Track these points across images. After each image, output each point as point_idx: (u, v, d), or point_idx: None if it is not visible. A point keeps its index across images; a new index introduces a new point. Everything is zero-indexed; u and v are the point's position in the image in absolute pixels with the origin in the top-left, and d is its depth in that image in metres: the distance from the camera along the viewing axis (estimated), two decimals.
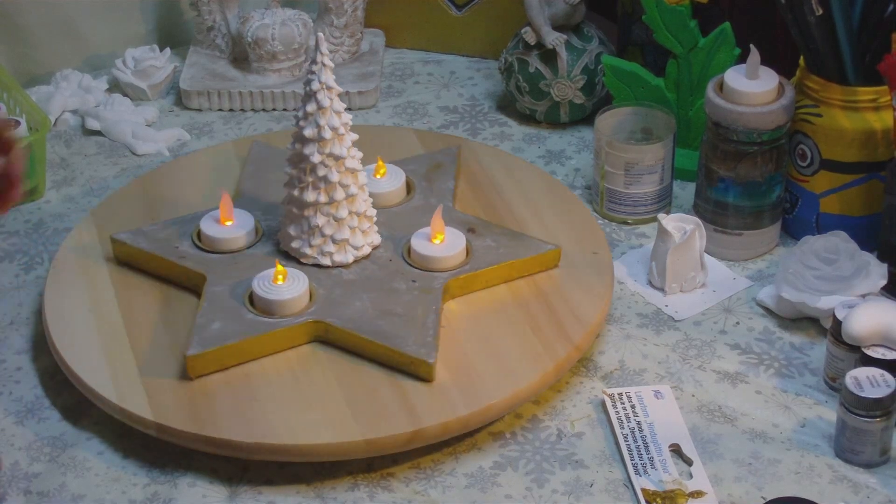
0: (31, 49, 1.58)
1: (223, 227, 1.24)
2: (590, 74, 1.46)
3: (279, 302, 1.16)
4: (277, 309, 1.16)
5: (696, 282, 1.27)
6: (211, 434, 1.08)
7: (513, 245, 1.24)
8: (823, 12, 1.22)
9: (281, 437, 1.08)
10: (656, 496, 1.07)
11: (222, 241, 1.23)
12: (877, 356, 1.11)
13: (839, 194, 1.28)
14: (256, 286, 1.17)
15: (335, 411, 1.10)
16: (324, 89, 1.16)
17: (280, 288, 1.17)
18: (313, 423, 1.09)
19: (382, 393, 1.12)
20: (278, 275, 1.17)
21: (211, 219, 1.24)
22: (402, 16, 1.64)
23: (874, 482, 1.09)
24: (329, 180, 1.18)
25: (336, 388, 1.13)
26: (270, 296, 1.16)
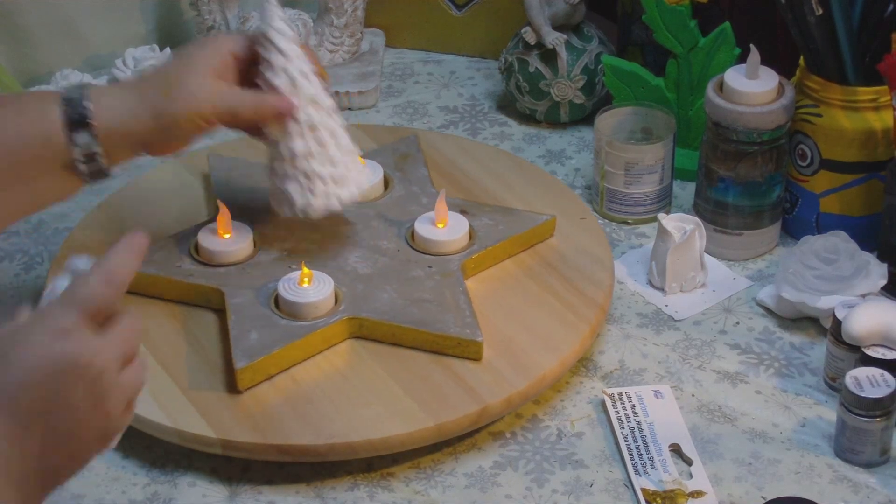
0: (32, 49, 1.58)
1: (224, 239, 1.22)
2: (590, 74, 1.47)
3: (309, 304, 1.16)
4: (308, 311, 1.16)
5: (696, 282, 1.27)
6: (281, 442, 1.08)
7: (509, 220, 1.26)
8: (823, 12, 1.22)
9: (351, 434, 1.08)
10: (656, 496, 1.07)
11: (228, 253, 1.22)
12: (877, 356, 1.11)
13: (839, 194, 1.28)
14: (284, 291, 1.16)
15: (397, 402, 1.11)
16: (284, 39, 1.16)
17: (307, 290, 1.16)
18: (380, 417, 1.10)
19: (436, 378, 1.13)
20: (304, 277, 1.17)
21: (209, 232, 1.23)
22: (402, 16, 1.64)
23: (874, 482, 1.09)
24: (313, 123, 1.17)
25: (389, 381, 1.13)
26: (300, 299, 1.16)
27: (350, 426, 1.09)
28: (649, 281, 1.28)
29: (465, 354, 1.14)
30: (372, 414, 1.10)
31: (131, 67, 1.56)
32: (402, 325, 1.15)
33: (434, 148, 1.38)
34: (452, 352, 1.15)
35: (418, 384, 1.12)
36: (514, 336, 1.17)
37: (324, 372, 1.14)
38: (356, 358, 1.15)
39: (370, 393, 1.12)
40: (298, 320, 1.15)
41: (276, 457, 1.09)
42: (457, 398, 1.11)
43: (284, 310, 1.16)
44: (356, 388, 1.12)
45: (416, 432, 1.09)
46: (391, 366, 1.14)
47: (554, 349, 1.15)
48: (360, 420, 1.09)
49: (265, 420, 1.09)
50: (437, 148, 1.38)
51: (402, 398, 1.11)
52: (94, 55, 1.61)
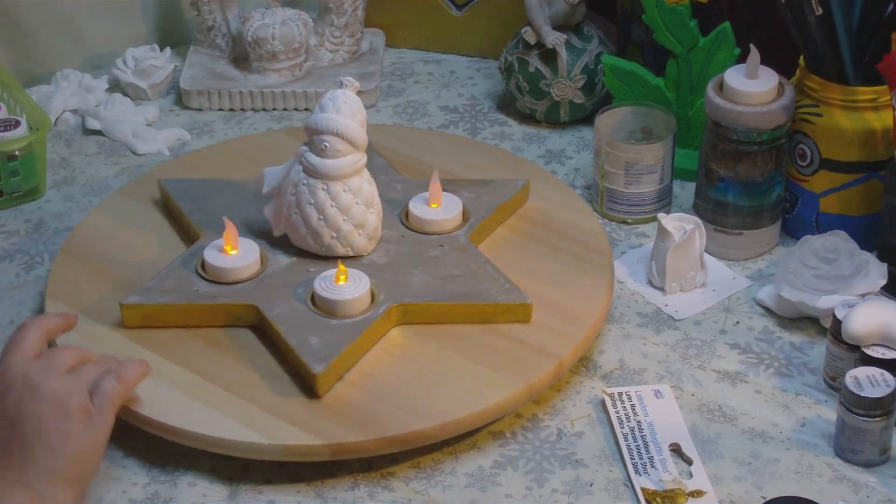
0: (32, 48, 1.58)
1: (233, 255, 1.20)
2: (590, 74, 1.47)
3: (352, 300, 1.16)
4: (352, 308, 1.16)
5: (696, 281, 1.27)
6: (392, 434, 1.08)
7: (489, 190, 1.30)
8: (823, 12, 1.22)
9: (456, 411, 1.09)
10: (656, 495, 1.07)
11: (243, 268, 1.20)
12: (876, 355, 1.11)
13: (839, 194, 1.28)
14: (324, 290, 1.16)
15: (481, 375, 1.13)
16: None
17: (344, 288, 1.16)
18: (471, 390, 1.11)
19: (503, 345, 1.15)
20: (340, 275, 1.17)
21: (215, 250, 1.21)
22: (402, 15, 1.64)
23: (874, 481, 1.09)
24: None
25: (460, 357, 1.15)
26: (341, 296, 1.16)
27: (449, 404, 1.10)
28: (649, 281, 1.29)
29: (515, 318, 1.17)
30: (461, 388, 1.11)
31: (131, 67, 1.56)
32: (449, 303, 1.17)
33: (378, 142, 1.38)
34: (502, 318, 1.17)
35: (490, 354, 1.14)
36: (545, 293, 1.20)
37: (390, 362, 1.15)
38: (412, 343, 1.16)
39: (450, 371, 1.13)
40: (341, 318, 1.16)
41: (389, 449, 1.09)
42: (530, 358, 1.14)
43: (325, 308, 1.16)
44: (430, 370, 1.13)
45: (512, 395, 1.11)
46: (449, 343, 1.16)
47: (587, 300, 1.19)
48: (454, 396, 1.11)
49: (364, 417, 1.09)
50: (379, 142, 1.38)
51: (484, 370, 1.13)
52: (94, 55, 1.61)
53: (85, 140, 1.50)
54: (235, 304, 1.18)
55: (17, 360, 1.05)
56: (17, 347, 1.06)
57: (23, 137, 1.39)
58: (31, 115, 1.42)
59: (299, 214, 1.20)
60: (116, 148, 1.49)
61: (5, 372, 1.04)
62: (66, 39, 1.59)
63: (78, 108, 1.53)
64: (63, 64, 1.59)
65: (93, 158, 1.48)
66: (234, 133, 1.51)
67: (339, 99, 1.18)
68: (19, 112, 1.44)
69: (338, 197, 1.20)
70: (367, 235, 1.22)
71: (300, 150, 1.20)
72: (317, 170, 1.19)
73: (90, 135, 1.51)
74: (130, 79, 1.55)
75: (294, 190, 1.20)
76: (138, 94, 1.56)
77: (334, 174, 1.19)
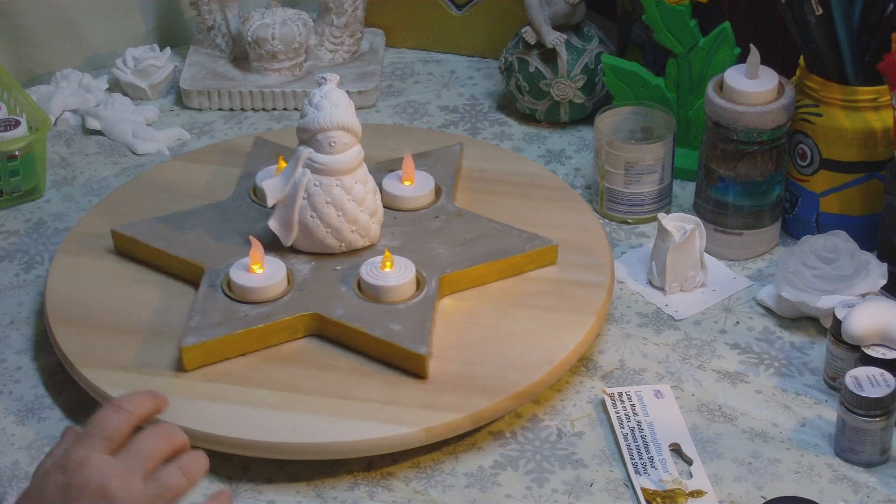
0: (32, 48, 1.58)
1: (264, 273, 1.19)
2: (590, 74, 1.47)
3: (405, 284, 1.18)
4: (407, 290, 1.18)
5: (696, 281, 1.27)
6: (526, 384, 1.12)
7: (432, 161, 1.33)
8: (823, 12, 1.22)
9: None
10: (656, 495, 1.07)
11: (279, 283, 1.19)
12: (877, 355, 1.11)
13: (839, 194, 1.28)
14: (372, 278, 1.18)
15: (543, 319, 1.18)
16: None
17: (392, 274, 1.18)
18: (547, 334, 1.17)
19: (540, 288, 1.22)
20: (386, 262, 1.19)
21: (242, 269, 1.19)
22: (402, 15, 1.64)
23: (874, 481, 1.09)
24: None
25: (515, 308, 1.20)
26: (394, 282, 1.18)
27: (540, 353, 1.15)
28: (649, 281, 1.28)
29: (545, 262, 1.24)
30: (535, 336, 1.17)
31: (131, 67, 1.56)
32: (484, 264, 1.22)
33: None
34: (533, 266, 1.23)
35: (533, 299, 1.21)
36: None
37: (460, 330, 1.18)
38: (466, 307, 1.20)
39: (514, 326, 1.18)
40: (401, 301, 1.17)
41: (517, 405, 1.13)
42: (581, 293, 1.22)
43: (383, 297, 1.18)
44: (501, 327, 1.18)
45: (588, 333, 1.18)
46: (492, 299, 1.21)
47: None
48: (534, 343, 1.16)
49: (478, 383, 1.12)
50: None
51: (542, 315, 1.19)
52: (94, 55, 1.61)
53: (85, 140, 1.50)
54: (300, 316, 1.16)
55: (97, 462, 0.89)
56: (101, 437, 0.90)
57: (22, 137, 1.39)
58: (30, 114, 1.42)
59: (317, 216, 1.20)
60: (116, 148, 1.49)
61: (82, 467, 0.89)
62: (65, 39, 1.59)
63: (78, 107, 1.53)
64: (63, 64, 1.59)
65: (93, 158, 1.48)
66: (233, 133, 1.51)
67: (333, 94, 1.18)
68: (19, 112, 1.44)
69: (353, 190, 1.20)
70: (378, 222, 1.23)
71: (299, 152, 1.20)
72: (328, 167, 1.19)
73: (90, 135, 1.51)
74: (130, 79, 1.55)
75: (306, 194, 1.20)
76: (138, 93, 1.56)
77: (346, 168, 1.19)
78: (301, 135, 1.20)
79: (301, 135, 1.20)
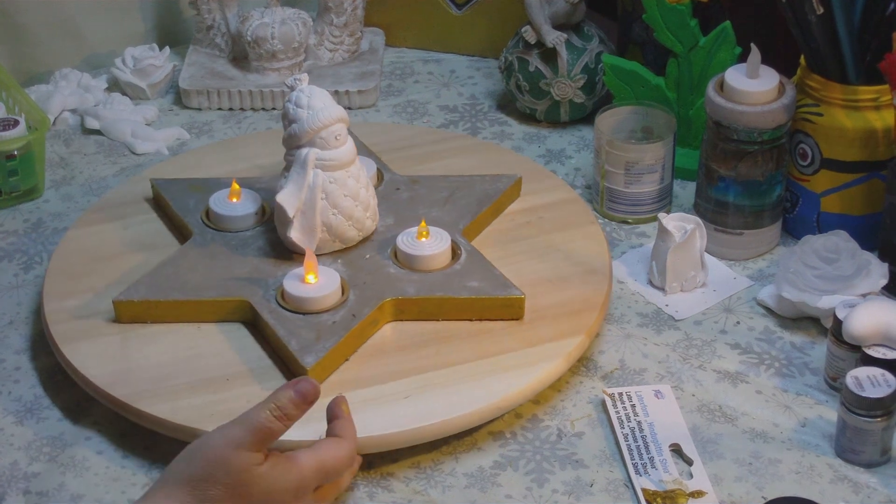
0: (31, 48, 1.58)
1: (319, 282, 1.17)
2: (590, 73, 1.46)
3: (442, 252, 1.21)
4: (438, 260, 1.21)
5: (697, 281, 1.27)
6: None
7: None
8: (824, 11, 1.22)
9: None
10: (656, 496, 1.06)
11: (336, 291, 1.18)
12: (877, 356, 1.11)
13: (840, 193, 1.28)
14: (406, 245, 1.21)
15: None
16: None
17: (428, 243, 1.21)
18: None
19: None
20: (421, 231, 1.21)
21: (296, 279, 1.17)
22: (402, 15, 1.64)
23: (875, 482, 1.08)
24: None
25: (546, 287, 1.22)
26: (423, 251, 1.21)
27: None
28: (649, 281, 1.28)
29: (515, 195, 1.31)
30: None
31: (130, 66, 1.56)
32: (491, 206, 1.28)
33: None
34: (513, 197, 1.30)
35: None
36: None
37: None
38: None
39: None
40: (440, 269, 1.21)
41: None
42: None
43: (427, 265, 1.20)
44: None
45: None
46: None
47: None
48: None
49: None
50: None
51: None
52: (93, 54, 1.61)
53: (84, 140, 1.50)
54: (371, 316, 1.17)
55: None
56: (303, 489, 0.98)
57: (21, 137, 1.39)
58: (29, 114, 1.42)
59: (339, 212, 1.21)
60: (115, 147, 1.49)
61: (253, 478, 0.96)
62: (64, 39, 1.59)
63: (77, 107, 1.53)
64: (62, 63, 1.59)
65: (92, 158, 1.47)
66: (233, 133, 1.51)
67: (315, 93, 1.19)
68: (18, 112, 1.44)
69: (360, 176, 1.22)
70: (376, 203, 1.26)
71: (304, 156, 1.19)
72: (339, 160, 1.20)
73: (89, 134, 1.51)
74: (129, 78, 1.55)
75: (323, 194, 1.20)
76: (137, 93, 1.56)
77: (351, 156, 1.21)
78: (297, 140, 1.19)
79: (297, 140, 1.19)
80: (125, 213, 1.31)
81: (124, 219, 1.30)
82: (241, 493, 0.95)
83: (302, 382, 0.98)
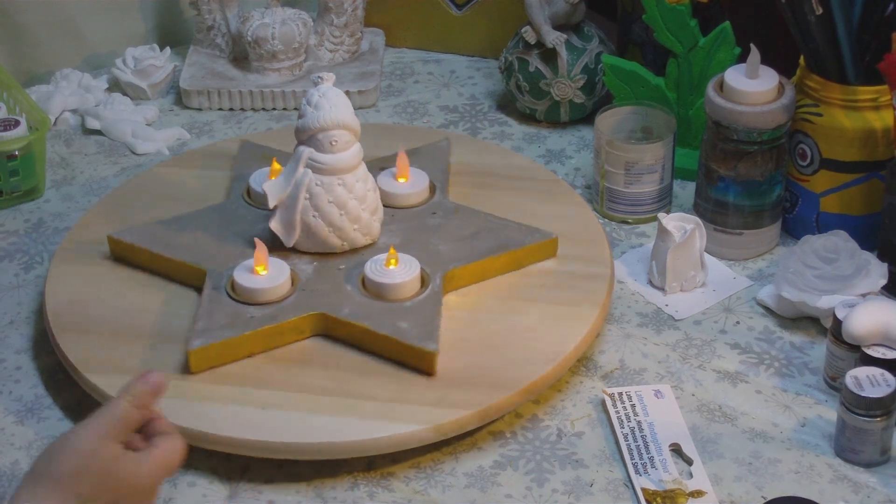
0: (31, 48, 1.58)
1: (269, 274, 1.18)
2: (590, 74, 1.46)
3: (411, 280, 1.18)
4: (412, 288, 1.18)
5: (697, 281, 1.27)
6: (536, 376, 1.12)
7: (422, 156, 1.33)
8: (823, 11, 1.22)
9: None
10: (656, 496, 1.07)
11: (283, 284, 1.19)
12: (877, 355, 1.11)
13: (839, 194, 1.28)
14: (376, 275, 1.18)
15: (552, 310, 1.18)
16: None
17: (398, 271, 1.18)
18: (552, 326, 1.17)
19: (540, 281, 1.22)
20: (391, 259, 1.19)
21: (246, 271, 1.18)
22: (402, 15, 1.64)
23: (874, 482, 1.08)
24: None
25: (519, 302, 1.20)
26: (393, 279, 1.17)
27: (551, 345, 1.15)
28: (649, 280, 1.28)
29: (546, 255, 1.24)
30: (544, 330, 1.17)
31: (131, 67, 1.56)
32: (487, 259, 1.22)
33: None
34: (534, 259, 1.24)
35: (535, 292, 1.21)
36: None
37: (464, 326, 1.18)
38: (469, 303, 1.21)
39: (517, 321, 1.18)
40: (406, 299, 1.17)
41: (530, 397, 1.14)
42: (585, 285, 1.22)
43: (388, 295, 1.18)
44: (506, 322, 1.19)
45: (590, 329, 1.18)
46: (493, 293, 1.21)
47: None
48: (550, 338, 1.16)
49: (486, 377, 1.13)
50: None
51: (548, 308, 1.19)
52: (93, 54, 1.61)
53: (84, 140, 1.50)
54: (303, 317, 1.16)
55: None
56: None
57: (22, 137, 1.39)
58: (30, 114, 1.42)
59: (319, 216, 1.20)
60: (116, 148, 1.49)
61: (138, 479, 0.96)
62: (65, 39, 1.59)
63: (77, 107, 1.53)
64: (62, 63, 1.59)
65: (92, 158, 1.47)
66: (233, 133, 1.51)
67: (330, 94, 1.18)
68: (19, 112, 1.44)
69: (354, 188, 1.20)
70: (378, 220, 1.24)
71: (300, 153, 1.19)
72: (330, 166, 1.19)
73: (90, 134, 1.51)
74: (130, 78, 1.55)
75: (308, 194, 1.20)
76: (138, 93, 1.56)
77: (348, 166, 1.20)
78: (300, 135, 1.19)
79: (300, 135, 1.19)
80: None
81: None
82: (112, 485, 0.95)
83: (152, 374, 0.98)
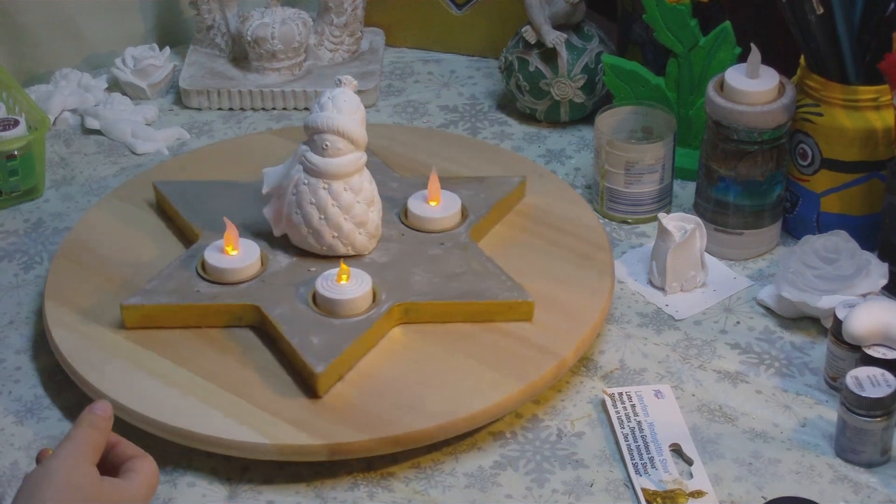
0: (31, 48, 1.58)
1: (234, 256, 1.20)
2: (590, 73, 1.46)
3: (355, 299, 1.16)
4: (355, 306, 1.16)
5: (697, 281, 1.27)
6: (391, 433, 1.08)
7: (485, 187, 1.30)
8: (824, 11, 1.22)
9: (456, 411, 1.09)
10: (656, 496, 1.06)
11: (244, 269, 1.20)
12: (877, 356, 1.11)
13: (840, 193, 1.28)
14: (325, 290, 1.16)
15: (482, 374, 1.13)
16: None
17: (346, 287, 1.16)
18: (475, 389, 1.11)
19: (504, 344, 1.16)
20: (342, 274, 1.17)
21: (216, 250, 1.20)
22: (402, 15, 1.64)
23: (875, 482, 1.08)
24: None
25: (461, 356, 1.15)
26: (344, 295, 1.15)
27: (449, 403, 1.10)
28: (649, 280, 1.28)
29: (517, 317, 1.17)
30: (462, 388, 1.11)
31: (131, 66, 1.56)
32: (451, 302, 1.17)
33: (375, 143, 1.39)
34: (503, 317, 1.17)
35: (487, 353, 1.14)
36: (547, 289, 1.20)
37: (391, 361, 1.14)
38: (413, 342, 1.16)
39: (448, 371, 1.13)
40: (343, 317, 1.15)
41: (388, 449, 1.08)
42: (531, 357, 1.14)
43: (327, 308, 1.16)
44: (431, 369, 1.13)
45: (511, 396, 1.11)
46: (450, 342, 1.16)
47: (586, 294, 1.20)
48: (455, 396, 1.10)
49: (364, 416, 1.09)
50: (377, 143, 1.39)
51: (481, 368, 1.13)
52: (93, 54, 1.61)
53: (84, 140, 1.50)
54: (237, 304, 1.17)
55: None
56: None
57: (22, 137, 1.39)
58: (29, 114, 1.42)
59: (300, 214, 1.20)
60: (115, 147, 1.49)
61: None
62: (65, 39, 1.59)
63: (77, 107, 1.53)
64: (62, 63, 1.59)
65: (92, 158, 1.47)
66: (233, 132, 1.51)
67: (339, 97, 1.18)
68: (18, 111, 1.44)
69: (339, 196, 1.19)
70: (367, 234, 1.22)
71: (300, 149, 1.20)
72: (318, 169, 1.18)
73: (89, 134, 1.51)
74: (129, 78, 1.55)
75: (295, 190, 1.20)
76: (137, 93, 1.56)
77: (336, 173, 1.19)
78: (305, 131, 1.20)
79: (305, 131, 1.20)
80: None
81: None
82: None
83: (97, 404, 0.99)
